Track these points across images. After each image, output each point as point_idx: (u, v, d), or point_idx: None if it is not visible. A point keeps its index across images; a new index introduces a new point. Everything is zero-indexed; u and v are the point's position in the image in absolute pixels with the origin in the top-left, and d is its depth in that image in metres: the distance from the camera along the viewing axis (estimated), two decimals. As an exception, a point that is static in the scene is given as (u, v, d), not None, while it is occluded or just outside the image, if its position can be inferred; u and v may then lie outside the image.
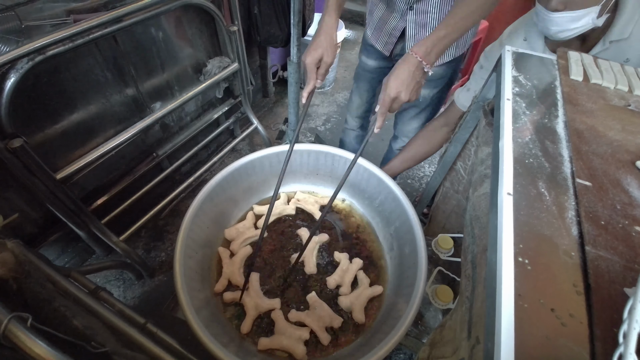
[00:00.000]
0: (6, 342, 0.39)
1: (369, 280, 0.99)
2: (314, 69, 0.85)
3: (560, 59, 0.84)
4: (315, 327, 0.88)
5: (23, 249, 0.71)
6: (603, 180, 0.55)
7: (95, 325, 0.66)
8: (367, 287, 0.96)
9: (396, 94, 0.76)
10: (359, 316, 0.91)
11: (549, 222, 0.48)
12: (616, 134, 0.65)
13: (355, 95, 1.39)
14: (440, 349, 0.73)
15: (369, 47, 1.23)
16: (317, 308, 0.91)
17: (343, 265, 1.00)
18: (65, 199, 1.01)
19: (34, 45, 0.81)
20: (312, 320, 0.89)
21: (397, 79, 0.75)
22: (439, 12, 0.96)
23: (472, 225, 0.74)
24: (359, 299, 0.93)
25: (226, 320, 0.90)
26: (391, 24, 1.06)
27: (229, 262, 0.99)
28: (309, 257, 1.01)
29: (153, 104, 1.32)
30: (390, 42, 1.09)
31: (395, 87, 0.75)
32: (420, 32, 1.02)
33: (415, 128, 1.35)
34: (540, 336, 0.38)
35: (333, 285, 0.97)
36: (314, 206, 1.14)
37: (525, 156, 0.58)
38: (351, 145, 1.59)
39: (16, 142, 0.83)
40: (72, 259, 1.34)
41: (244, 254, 1.02)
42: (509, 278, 0.41)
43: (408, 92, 0.76)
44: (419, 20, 0.99)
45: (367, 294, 0.95)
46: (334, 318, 0.90)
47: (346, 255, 1.03)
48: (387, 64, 1.22)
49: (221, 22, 1.35)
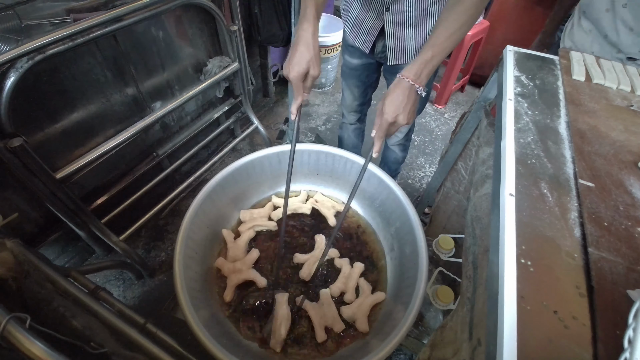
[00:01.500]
0: (4, 342, 0.38)
1: (371, 288, 0.97)
2: (300, 84, 0.82)
3: (563, 59, 0.84)
4: (316, 321, 0.88)
5: (22, 248, 0.71)
6: (606, 181, 0.55)
7: (95, 325, 0.65)
8: (368, 295, 0.95)
9: (394, 118, 0.75)
10: (363, 326, 0.89)
11: (552, 223, 0.48)
12: (619, 134, 0.65)
13: (347, 92, 1.40)
14: (441, 350, 0.72)
15: (349, 47, 1.22)
16: (325, 305, 0.91)
17: (345, 272, 0.99)
18: (65, 198, 1.01)
19: (33, 45, 0.81)
20: (316, 314, 0.89)
21: (393, 104, 0.74)
22: (415, 9, 0.95)
23: (473, 225, 0.73)
24: (361, 308, 0.91)
25: (226, 320, 0.90)
26: (368, 24, 1.05)
27: (233, 244, 1.01)
28: (310, 264, 1.00)
29: (153, 103, 1.32)
30: (369, 39, 1.09)
31: (391, 112, 0.74)
32: (398, 29, 1.01)
33: (402, 130, 1.36)
34: (542, 338, 0.37)
35: (337, 293, 0.96)
36: (330, 211, 1.14)
37: (527, 157, 0.58)
38: (350, 140, 1.59)
39: (16, 141, 0.83)
40: (72, 258, 1.34)
41: (247, 237, 1.03)
42: (511, 280, 0.41)
43: (405, 115, 0.75)
44: (396, 19, 0.99)
45: (369, 302, 0.93)
46: (336, 322, 0.89)
47: (347, 260, 1.02)
48: (370, 60, 1.22)
49: (222, 21, 1.35)
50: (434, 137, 2.26)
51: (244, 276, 0.95)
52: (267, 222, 1.09)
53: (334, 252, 1.04)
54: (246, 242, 1.03)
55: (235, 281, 0.94)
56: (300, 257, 1.01)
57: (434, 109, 2.48)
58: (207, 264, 0.97)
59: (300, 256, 1.01)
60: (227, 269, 0.96)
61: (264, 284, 0.95)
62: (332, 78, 2.56)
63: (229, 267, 0.96)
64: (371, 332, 0.89)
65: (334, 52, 2.26)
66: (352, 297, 0.95)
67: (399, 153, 1.52)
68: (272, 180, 1.16)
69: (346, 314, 0.91)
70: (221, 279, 0.96)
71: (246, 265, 0.97)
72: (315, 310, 0.90)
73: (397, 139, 1.42)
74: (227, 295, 0.92)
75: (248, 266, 0.97)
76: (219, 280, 0.97)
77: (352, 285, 0.96)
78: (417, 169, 2.04)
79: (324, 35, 2.14)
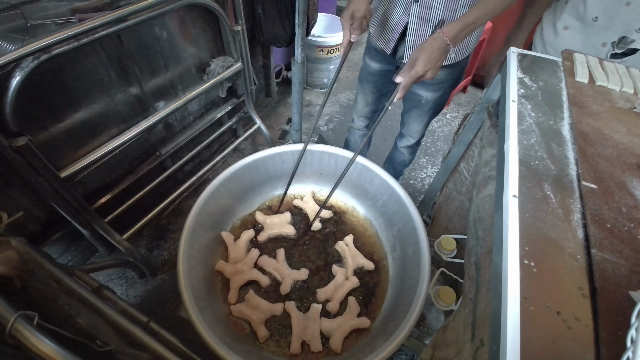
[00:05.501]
0: (12, 341, 0.39)
1: (358, 310, 0.94)
2: (348, 25, 0.91)
3: (566, 61, 0.84)
4: (295, 332, 0.86)
5: (27, 247, 0.71)
6: (609, 183, 0.55)
7: (99, 324, 0.66)
8: (353, 317, 0.91)
9: (423, 71, 0.80)
10: (335, 345, 0.86)
11: (555, 224, 0.48)
12: (622, 136, 0.65)
13: (360, 97, 1.40)
14: (443, 350, 0.72)
15: (372, 50, 1.23)
16: (310, 320, 0.89)
17: (337, 280, 0.98)
18: (69, 197, 1.01)
19: (39, 44, 0.81)
20: (298, 325, 0.87)
21: (428, 58, 0.79)
22: (445, 7, 0.95)
23: (476, 227, 0.73)
24: (341, 327, 0.88)
25: (230, 320, 0.90)
26: (394, 19, 1.06)
27: (233, 246, 1.01)
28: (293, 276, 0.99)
29: (157, 103, 1.32)
30: (392, 38, 1.09)
31: (424, 64, 0.79)
32: (422, 27, 1.02)
33: (418, 129, 1.36)
34: (546, 339, 0.38)
35: (322, 298, 0.94)
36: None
37: (531, 158, 0.58)
38: (356, 144, 1.61)
39: (21, 140, 0.83)
40: (75, 257, 1.34)
41: (247, 237, 1.04)
42: (514, 281, 0.41)
43: (434, 71, 0.81)
44: (422, 14, 0.99)
45: (352, 323, 0.89)
46: (315, 340, 0.86)
47: (344, 271, 1.00)
48: (389, 67, 1.22)
49: (225, 21, 1.35)
50: (436, 137, 2.26)
51: (246, 277, 0.95)
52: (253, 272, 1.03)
53: (341, 270, 1.02)
54: (246, 242, 1.04)
55: (238, 283, 0.94)
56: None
57: (436, 110, 2.49)
58: (210, 264, 0.97)
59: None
60: (228, 272, 0.96)
61: (267, 282, 0.96)
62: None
63: (230, 270, 0.96)
64: (374, 332, 0.89)
65: (336, 52, 2.27)
66: (334, 308, 0.93)
67: (407, 156, 1.53)
68: (275, 181, 1.17)
69: (325, 327, 0.89)
70: (224, 280, 0.97)
71: (247, 265, 0.97)
72: (298, 320, 0.89)
73: (408, 142, 1.43)
74: (231, 298, 0.92)
75: (250, 266, 0.98)
76: (222, 280, 0.97)
77: (339, 297, 0.94)
78: (419, 170, 2.04)
79: (326, 36, 2.14)
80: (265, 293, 0.96)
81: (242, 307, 0.89)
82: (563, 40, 1.06)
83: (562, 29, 1.06)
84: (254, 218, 1.12)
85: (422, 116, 1.29)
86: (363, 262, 1.00)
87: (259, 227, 1.10)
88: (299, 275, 0.97)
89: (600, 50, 1.01)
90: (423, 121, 1.32)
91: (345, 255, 1.02)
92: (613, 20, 0.95)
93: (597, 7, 0.96)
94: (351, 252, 1.02)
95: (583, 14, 0.99)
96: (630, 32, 0.94)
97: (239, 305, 0.90)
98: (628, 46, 0.96)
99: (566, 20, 1.04)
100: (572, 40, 1.04)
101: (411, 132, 1.38)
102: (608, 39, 0.98)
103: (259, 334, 0.86)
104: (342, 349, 0.86)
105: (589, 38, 1.01)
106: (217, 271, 0.98)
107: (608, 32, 0.97)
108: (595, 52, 0.99)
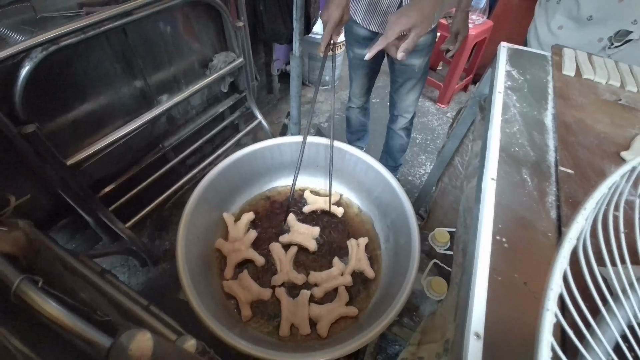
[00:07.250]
0: (18, 301, 0.42)
1: (348, 299, 0.95)
2: (338, 28, 0.90)
3: (555, 55, 0.86)
4: (285, 315, 0.89)
5: (34, 229, 0.75)
6: (586, 169, 0.58)
7: (101, 301, 0.69)
8: (342, 305, 0.93)
9: (414, 24, 0.72)
10: (322, 331, 0.88)
11: (530, 206, 0.50)
12: (604, 127, 0.67)
13: (356, 83, 1.48)
14: (431, 334, 0.75)
15: (360, 39, 1.26)
16: (300, 305, 0.91)
17: (332, 272, 0.99)
18: (74, 185, 1.05)
19: (48, 36, 0.85)
20: (287, 309, 0.90)
21: (421, 11, 0.71)
22: None
23: (465, 216, 0.76)
24: (330, 313, 0.90)
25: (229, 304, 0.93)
26: (385, 2, 1.07)
27: (233, 227, 1.05)
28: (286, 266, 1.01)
29: (160, 96, 1.36)
30: (386, 20, 1.10)
31: (419, 18, 0.71)
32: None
33: (413, 100, 1.40)
34: (512, 307, 0.40)
35: (312, 281, 0.97)
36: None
37: (512, 145, 0.60)
38: (357, 120, 1.67)
39: (29, 127, 0.87)
40: (79, 245, 1.38)
41: (247, 219, 1.08)
42: (485, 254, 0.43)
43: (426, 26, 0.72)
44: None
45: (340, 311, 0.91)
46: (304, 325, 0.89)
47: (343, 267, 1.01)
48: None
49: (227, 17, 1.39)
50: (435, 135, 2.28)
51: (242, 255, 0.99)
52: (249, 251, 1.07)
53: (339, 265, 1.03)
54: (246, 223, 1.08)
55: (234, 260, 0.98)
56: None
57: (437, 108, 2.50)
58: (208, 248, 1.00)
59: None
60: (226, 249, 1.00)
61: (262, 262, 0.99)
62: (337, 76, 2.59)
63: (228, 247, 1.00)
64: (364, 316, 0.92)
65: (338, 50, 2.29)
66: (318, 294, 0.95)
67: (405, 138, 1.57)
68: (273, 172, 1.20)
69: (313, 312, 0.91)
70: (222, 260, 1.01)
71: (245, 245, 1.01)
72: (288, 305, 0.91)
73: (404, 120, 1.47)
74: (227, 274, 0.96)
75: (247, 246, 1.02)
76: (219, 261, 1.01)
77: (327, 287, 0.96)
78: (417, 167, 2.06)
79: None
80: (260, 275, 1.00)
81: (232, 284, 0.93)
82: (559, 39, 1.08)
83: (557, 28, 1.08)
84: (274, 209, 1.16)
85: (416, 86, 1.35)
86: (365, 268, 1.01)
87: (285, 228, 1.10)
88: (296, 278, 0.98)
89: (596, 46, 1.02)
90: (417, 90, 1.37)
91: (352, 254, 1.04)
92: (607, 17, 0.97)
93: (590, 6, 0.98)
94: (358, 254, 1.04)
95: (577, 15, 1.01)
96: (627, 25, 0.96)
97: (231, 282, 0.94)
98: (626, 38, 0.97)
99: (560, 20, 1.06)
100: (568, 39, 1.06)
101: (406, 106, 1.42)
102: (604, 35, 1.00)
103: (243, 313, 0.90)
104: (328, 334, 0.89)
105: (585, 35, 1.03)
106: (216, 249, 1.02)
107: (603, 28, 0.99)
108: (591, 48, 1.00)
